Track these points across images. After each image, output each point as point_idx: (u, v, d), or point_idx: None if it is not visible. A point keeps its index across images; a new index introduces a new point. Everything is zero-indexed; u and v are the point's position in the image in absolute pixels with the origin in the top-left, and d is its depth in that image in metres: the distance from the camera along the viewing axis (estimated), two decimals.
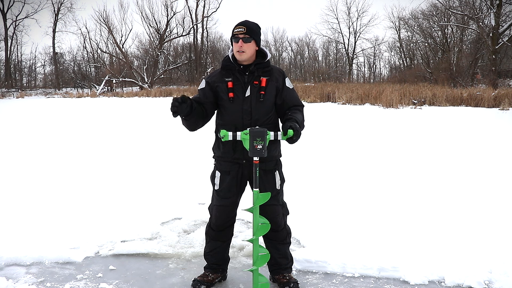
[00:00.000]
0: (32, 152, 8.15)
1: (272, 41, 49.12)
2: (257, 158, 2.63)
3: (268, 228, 2.72)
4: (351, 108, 18.63)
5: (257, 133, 2.57)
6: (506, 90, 18.68)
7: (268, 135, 2.62)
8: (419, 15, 34.74)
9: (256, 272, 2.66)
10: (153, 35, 40.87)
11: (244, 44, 2.71)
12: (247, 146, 2.61)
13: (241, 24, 2.73)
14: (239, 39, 2.70)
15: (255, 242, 2.68)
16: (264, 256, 2.72)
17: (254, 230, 2.68)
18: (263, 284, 2.67)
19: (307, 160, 7.20)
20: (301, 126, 2.74)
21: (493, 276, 2.98)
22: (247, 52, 2.73)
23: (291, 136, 2.60)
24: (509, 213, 4.30)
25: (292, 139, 2.61)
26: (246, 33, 2.70)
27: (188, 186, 5.43)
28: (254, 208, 2.66)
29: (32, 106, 21.56)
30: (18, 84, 42.32)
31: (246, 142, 2.62)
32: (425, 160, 7.12)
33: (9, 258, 3.34)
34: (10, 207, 4.62)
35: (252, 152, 2.59)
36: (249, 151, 2.60)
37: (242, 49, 2.71)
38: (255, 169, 2.65)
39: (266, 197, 2.68)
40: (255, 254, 2.69)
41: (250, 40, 2.72)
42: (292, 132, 2.60)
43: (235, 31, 2.72)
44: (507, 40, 24.82)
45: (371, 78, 46.02)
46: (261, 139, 2.56)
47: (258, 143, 2.57)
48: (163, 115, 15.92)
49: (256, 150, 2.57)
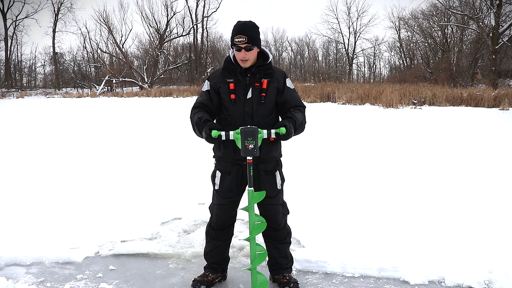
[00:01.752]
0: (32, 152, 8.15)
1: (272, 41, 49.20)
2: (250, 157, 2.64)
3: (264, 226, 2.73)
4: (351, 108, 18.63)
5: (248, 132, 2.58)
6: (506, 90, 18.69)
7: (261, 134, 2.63)
8: (419, 15, 34.79)
9: (254, 270, 2.67)
10: (153, 35, 40.93)
11: (247, 53, 2.70)
12: (239, 145, 2.63)
13: (242, 34, 2.68)
14: (241, 48, 2.69)
15: (252, 240, 2.69)
16: (262, 255, 2.72)
17: (250, 229, 2.69)
18: (262, 283, 2.68)
19: (307, 160, 7.20)
20: (300, 126, 2.74)
21: (493, 276, 2.98)
22: (250, 59, 2.74)
23: (283, 134, 2.61)
24: (509, 213, 4.30)
25: (284, 136, 2.62)
26: (248, 42, 2.68)
27: (188, 186, 5.43)
28: (250, 207, 2.67)
29: (32, 106, 21.57)
30: (18, 84, 42.34)
31: (238, 141, 2.64)
32: (425, 160, 7.12)
33: (9, 258, 3.34)
34: (10, 207, 4.62)
35: (244, 152, 2.60)
36: (241, 150, 2.61)
37: (245, 58, 2.71)
38: (248, 168, 2.66)
39: (261, 195, 2.69)
40: (252, 253, 2.69)
41: (252, 48, 2.71)
42: (284, 130, 2.61)
43: (236, 41, 2.69)
44: (507, 40, 24.82)
45: (371, 78, 46.04)
46: (252, 138, 2.57)
47: (250, 142, 2.58)
48: (163, 115, 15.94)
49: (248, 149, 2.59)
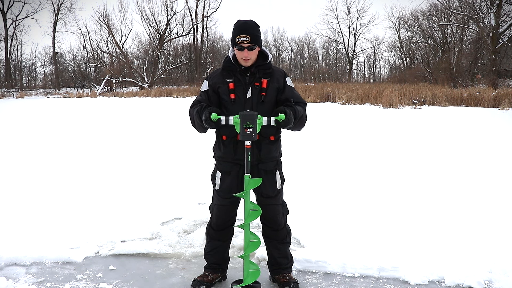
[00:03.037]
0: (32, 152, 8.15)
1: (272, 41, 49.19)
2: (249, 142, 2.64)
3: (259, 214, 2.74)
4: (351, 108, 18.64)
5: (247, 116, 2.59)
6: (506, 90, 18.70)
7: (260, 120, 2.63)
8: (419, 15, 34.79)
9: (247, 258, 2.67)
10: (153, 35, 40.91)
11: (249, 53, 2.71)
12: (238, 130, 2.63)
13: (244, 33, 2.69)
14: (244, 48, 2.70)
15: (246, 227, 2.68)
16: (255, 243, 2.72)
17: (245, 216, 2.68)
18: (254, 272, 2.67)
19: (307, 160, 7.20)
20: (300, 119, 2.75)
21: (493, 276, 2.98)
22: (252, 59, 2.75)
23: (282, 120, 2.62)
24: (509, 213, 4.30)
25: (284, 122, 2.63)
26: (251, 42, 2.69)
27: (188, 186, 5.43)
28: (246, 193, 2.67)
29: (32, 106, 21.57)
30: (18, 84, 42.32)
31: (237, 126, 2.64)
32: (425, 160, 7.12)
33: (9, 258, 3.34)
34: (10, 207, 4.62)
35: (242, 136, 2.61)
36: (240, 134, 2.61)
37: (247, 57, 2.72)
38: (246, 154, 2.67)
39: (257, 182, 2.70)
40: (246, 241, 2.69)
41: (254, 47, 2.72)
42: (283, 116, 2.62)
43: (239, 41, 2.69)
44: (507, 40, 24.82)
45: (371, 78, 46.04)
46: (251, 122, 2.58)
47: (248, 126, 2.59)
48: (163, 115, 15.94)
49: (246, 133, 2.59)
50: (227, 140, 2.78)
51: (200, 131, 2.82)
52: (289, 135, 4.22)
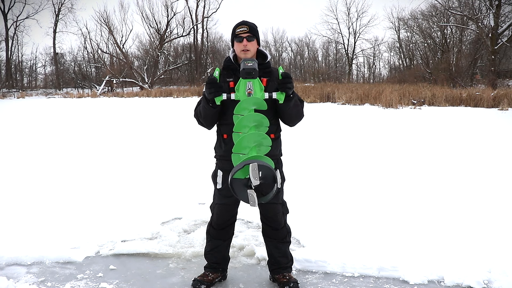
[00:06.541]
0: (33, 152, 8.16)
1: (272, 41, 49.12)
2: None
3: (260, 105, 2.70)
4: (351, 108, 18.65)
5: (249, 59, 2.64)
6: (505, 91, 18.70)
7: (261, 93, 2.65)
8: (418, 16, 34.79)
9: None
10: (154, 35, 40.95)
11: (248, 43, 2.76)
12: (243, 90, 2.63)
13: (243, 24, 2.80)
14: (243, 38, 2.75)
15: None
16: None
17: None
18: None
19: (307, 159, 7.21)
20: (298, 110, 2.78)
21: (492, 276, 2.99)
22: (251, 51, 2.78)
23: (283, 98, 2.66)
24: (509, 213, 4.31)
25: (285, 101, 2.67)
26: (249, 32, 2.77)
27: (188, 186, 5.44)
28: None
29: (32, 106, 21.58)
30: (19, 84, 42.33)
31: (243, 86, 2.64)
32: (425, 160, 7.13)
33: (9, 257, 3.35)
34: (11, 207, 4.63)
35: (243, 72, 2.60)
36: (241, 72, 2.61)
37: (246, 47, 2.76)
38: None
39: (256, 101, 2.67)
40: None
41: (253, 38, 2.78)
42: (283, 97, 2.66)
43: (238, 31, 2.77)
44: (506, 40, 24.83)
45: (370, 78, 46.01)
46: (252, 63, 2.62)
47: (249, 61, 2.62)
48: (163, 116, 15.95)
49: (247, 66, 2.60)
50: (228, 138, 2.79)
51: (207, 123, 2.82)
52: (289, 135, 4.23)
